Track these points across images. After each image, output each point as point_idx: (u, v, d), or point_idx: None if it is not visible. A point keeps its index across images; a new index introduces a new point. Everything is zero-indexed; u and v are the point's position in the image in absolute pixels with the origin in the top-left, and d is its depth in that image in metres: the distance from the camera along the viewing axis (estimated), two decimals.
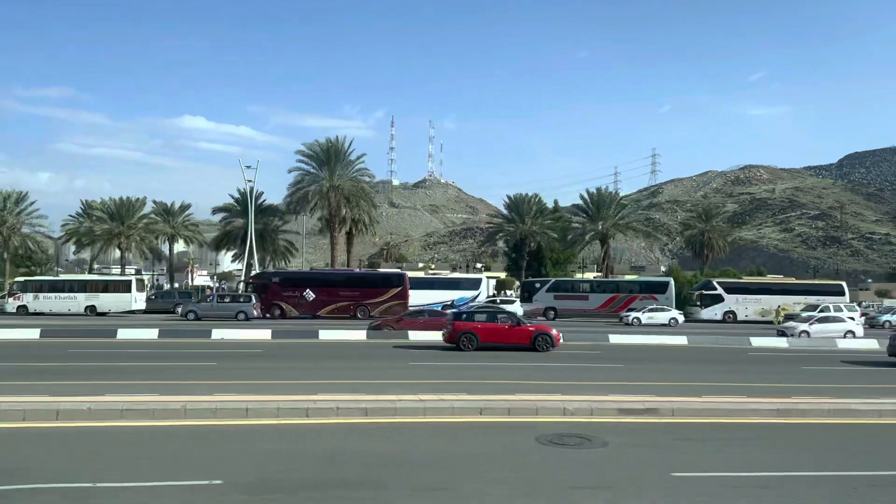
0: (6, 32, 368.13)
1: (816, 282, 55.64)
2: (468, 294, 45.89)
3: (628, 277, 53.17)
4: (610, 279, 52.24)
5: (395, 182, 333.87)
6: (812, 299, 44.38)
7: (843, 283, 48.27)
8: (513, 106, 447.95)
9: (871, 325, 44.48)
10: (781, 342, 28.74)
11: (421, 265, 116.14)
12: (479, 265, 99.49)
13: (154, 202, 67.36)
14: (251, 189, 54.47)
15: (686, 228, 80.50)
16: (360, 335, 26.20)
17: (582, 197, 63.11)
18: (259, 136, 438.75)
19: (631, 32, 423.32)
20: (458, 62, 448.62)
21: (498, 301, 44.93)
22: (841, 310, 39.84)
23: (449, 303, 43.21)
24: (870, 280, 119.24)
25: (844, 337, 36.90)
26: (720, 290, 46.98)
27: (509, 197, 65.45)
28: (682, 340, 27.96)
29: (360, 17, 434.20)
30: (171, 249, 70.35)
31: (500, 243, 68.25)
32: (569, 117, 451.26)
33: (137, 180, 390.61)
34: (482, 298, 45.65)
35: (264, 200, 61.38)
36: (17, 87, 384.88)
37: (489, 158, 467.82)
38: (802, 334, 32.92)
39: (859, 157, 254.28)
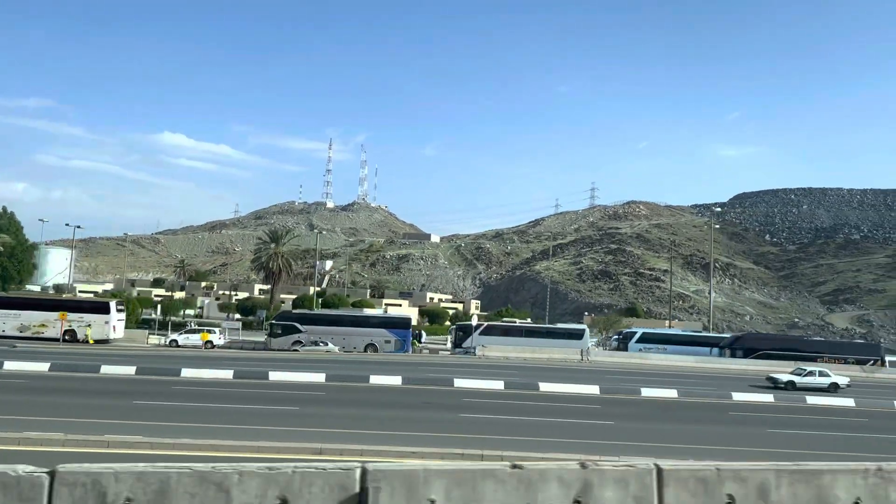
0: None
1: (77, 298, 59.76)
2: None
3: None
4: None
5: (330, 204, 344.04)
6: (77, 316, 46.54)
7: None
8: (493, 136, 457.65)
9: None
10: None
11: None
12: None
13: None
14: None
15: (258, 251, 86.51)
16: None
17: None
18: (238, 155, 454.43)
19: (611, 68, 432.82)
20: (444, 90, 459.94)
21: None
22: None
23: None
24: (590, 314, 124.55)
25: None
26: None
27: None
28: None
29: (346, 42, 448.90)
30: None
31: None
32: (545, 149, 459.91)
33: (116, 194, 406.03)
34: None
35: None
36: None
37: (459, 186, 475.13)
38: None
39: (744, 197, 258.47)
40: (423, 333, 60.94)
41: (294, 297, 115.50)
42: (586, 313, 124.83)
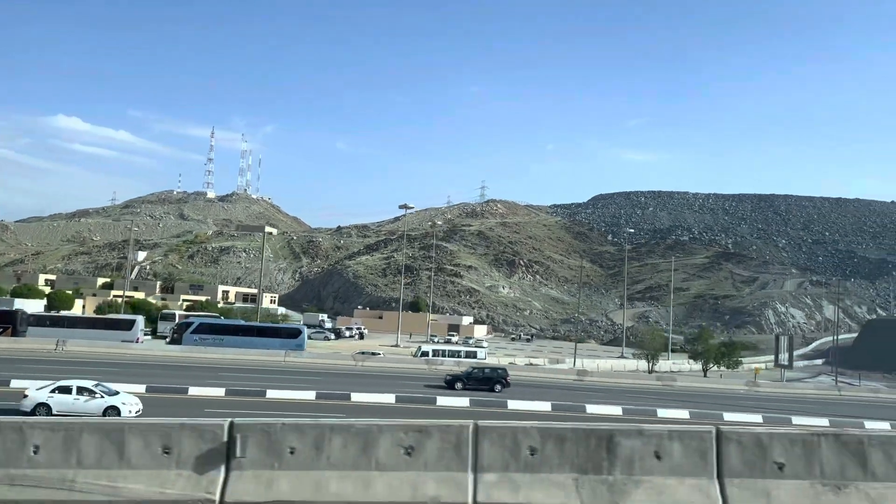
0: None
1: None
2: None
3: None
4: None
5: (211, 194, 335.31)
6: None
7: None
8: (405, 132, 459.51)
9: None
10: None
11: None
12: None
13: None
14: None
15: None
16: None
17: None
18: (140, 141, 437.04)
19: (523, 72, 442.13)
20: (359, 86, 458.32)
21: None
22: None
23: None
24: (363, 307, 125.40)
25: None
26: None
27: None
28: None
29: (259, 34, 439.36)
30: None
31: None
32: (457, 146, 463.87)
33: (2, 179, 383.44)
34: None
35: None
36: None
37: (368, 180, 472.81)
38: None
39: (600, 198, 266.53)
40: None
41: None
42: (358, 307, 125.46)
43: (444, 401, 29.26)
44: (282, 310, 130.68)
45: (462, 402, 29.57)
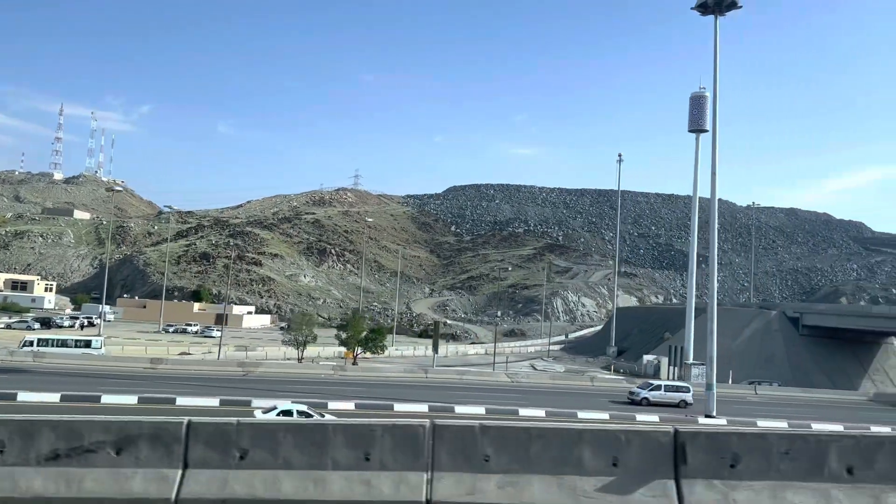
0: None
1: None
2: None
3: None
4: None
5: (58, 176, 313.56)
6: None
7: None
8: (289, 119, 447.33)
9: None
10: None
11: None
12: None
13: None
14: None
15: None
16: None
17: None
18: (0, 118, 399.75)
19: (416, 65, 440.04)
20: (243, 68, 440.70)
21: None
22: None
23: None
24: (130, 295, 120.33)
25: None
26: None
27: None
28: None
29: (139, 9, 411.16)
30: None
31: None
32: (345, 134, 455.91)
33: None
34: None
35: None
36: None
37: (249, 165, 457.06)
38: None
39: (453, 190, 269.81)
40: None
41: None
42: (124, 295, 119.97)
43: None
44: (51, 298, 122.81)
45: None
